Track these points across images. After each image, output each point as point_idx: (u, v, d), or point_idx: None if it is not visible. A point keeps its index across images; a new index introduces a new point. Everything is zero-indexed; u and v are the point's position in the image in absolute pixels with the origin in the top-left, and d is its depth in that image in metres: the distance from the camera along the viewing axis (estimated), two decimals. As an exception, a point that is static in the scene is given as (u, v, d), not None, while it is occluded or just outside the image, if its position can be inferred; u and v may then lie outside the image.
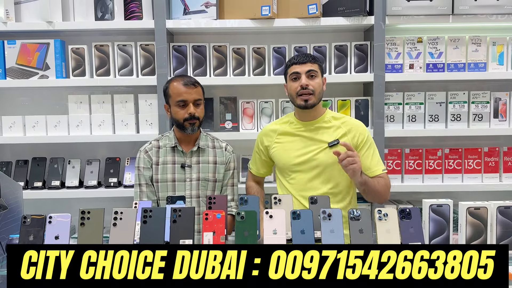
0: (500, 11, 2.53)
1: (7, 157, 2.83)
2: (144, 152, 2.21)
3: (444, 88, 2.72)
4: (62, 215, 1.55)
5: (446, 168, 2.68)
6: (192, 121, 2.12)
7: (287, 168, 2.13)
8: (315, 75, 2.06)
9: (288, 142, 2.14)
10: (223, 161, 2.24)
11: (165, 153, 2.20)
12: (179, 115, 2.13)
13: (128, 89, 2.78)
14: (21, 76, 2.66)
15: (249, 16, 2.58)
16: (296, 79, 2.07)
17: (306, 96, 2.03)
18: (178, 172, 2.18)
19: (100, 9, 2.64)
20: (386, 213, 1.53)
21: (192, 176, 2.18)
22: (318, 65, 2.09)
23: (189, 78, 2.18)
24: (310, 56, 2.09)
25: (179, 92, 2.12)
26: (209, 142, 2.26)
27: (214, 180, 2.21)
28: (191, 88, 2.13)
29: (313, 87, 2.04)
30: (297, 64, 2.06)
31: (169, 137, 2.23)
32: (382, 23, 2.55)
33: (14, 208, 1.88)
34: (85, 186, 2.71)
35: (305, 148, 2.10)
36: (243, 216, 1.54)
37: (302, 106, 2.06)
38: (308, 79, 2.04)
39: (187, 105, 2.12)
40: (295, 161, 2.10)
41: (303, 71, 2.04)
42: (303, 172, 2.10)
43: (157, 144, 2.23)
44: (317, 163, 2.07)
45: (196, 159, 2.20)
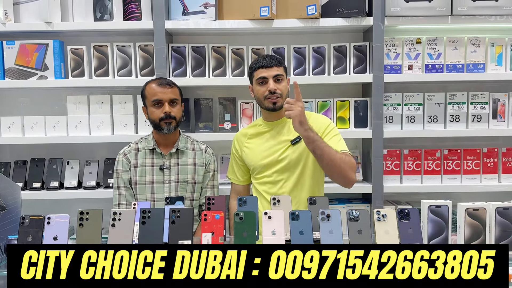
0: (499, 12, 2.53)
1: (6, 158, 2.83)
2: (123, 155, 2.23)
3: (443, 89, 2.73)
4: (60, 216, 1.55)
5: (445, 169, 2.68)
6: (168, 120, 2.14)
7: (256, 168, 2.17)
8: (282, 79, 2.10)
9: (256, 143, 2.18)
10: (203, 163, 2.26)
11: (144, 155, 2.21)
12: (155, 115, 2.15)
13: (127, 90, 2.77)
14: (20, 77, 2.66)
15: (248, 17, 2.58)
16: (263, 83, 2.09)
17: (274, 99, 2.08)
18: (157, 174, 2.19)
19: (99, 10, 2.64)
20: (384, 214, 1.53)
21: (171, 178, 2.19)
22: (283, 68, 2.13)
23: (164, 79, 2.22)
24: (275, 59, 2.11)
25: (154, 92, 2.15)
26: (189, 144, 2.28)
27: (193, 182, 2.22)
28: (166, 87, 2.16)
29: (281, 91, 2.08)
30: (263, 68, 2.08)
31: (148, 139, 2.25)
32: (381, 24, 2.56)
33: (13, 209, 1.88)
34: (84, 187, 2.71)
35: (271, 148, 2.14)
36: (242, 217, 1.54)
37: (270, 108, 2.10)
38: (275, 83, 2.07)
39: (162, 104, 2.15)
40: (263, 161, 2.14)
41: (270, 76, 2.08)
42: (271, 170, 2.13)
43: (136, 147, 2.25)
44: (284, 162, 2.10)
45: (175, 161, 2.21)
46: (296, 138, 2.10)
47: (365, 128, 2.67)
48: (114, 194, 2.21)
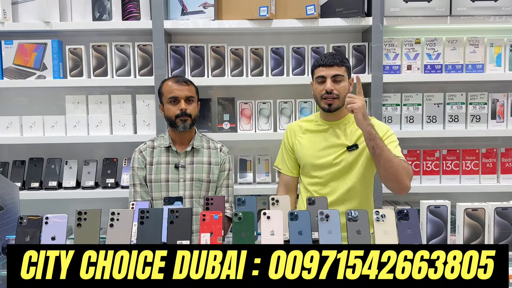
0: (498, 13, 2.54)
1: (4, 158, 2.82)
2: (138, 152, 2.23)
3: (442, 89, 2.73)
4: (58, 216, 1.55)
5: (443, 169, 2.68)
6: (183, 117, 2.14)
7: (307, 166, 2.12)
8: (342, 80, 2.03)
9: (310, 140, 2.13)
10: (218, 161, 2.24)
11: (159, 153, 2.21)
12: (171, 112, 2.15)
13: (126, 90, 2.77)
14: (18, 76, 2.65)
15: (247, 16, 2.57)
16: (322, 82, 2.04)
17: (330, 100, 2.02)
18: (172, 172, 2.18)
19: (97, 10, 2.63)
20: (383, 214, 1.53)
21: (186, 177, 2.19)
22: (346, 68, 2.05)
23: (181, 77, 2.22)
24: (338, 58, 2.04)
25: (171, 89, 2.16)
26: (204, 143, 2.27)
27: (208, 181, 2.21)
28: (182, 85, 2.16)
29: (338, 92, 2.02)
30: (324, 67, 2.03)
31: (164, 137, 2.25)
32: (380, 24, 2.55)
33: (11, 209, 1.87)
34: (82, 187, 2.70)
35: (326, 149, 2.09)
36: (240, 217, 1.53)
37: (326, 109, 2.06)
38: (333, 84, 2.01)
39: (178, 101, 2.14)
40: (316, 161, 2.09)
41: (328, 75, 2.02)
42: (323, 172, 2.08)
43: (151, 145, 2.24)
44: (337, 166, 2.06)
45: (190, 159, 2.21)
46: (353, 146, 2.05)
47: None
48: (130, 191, 2.21)
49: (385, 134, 2.05)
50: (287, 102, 2.69)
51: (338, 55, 2.07)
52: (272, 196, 1.80)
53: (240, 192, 2.61)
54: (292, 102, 2.69)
